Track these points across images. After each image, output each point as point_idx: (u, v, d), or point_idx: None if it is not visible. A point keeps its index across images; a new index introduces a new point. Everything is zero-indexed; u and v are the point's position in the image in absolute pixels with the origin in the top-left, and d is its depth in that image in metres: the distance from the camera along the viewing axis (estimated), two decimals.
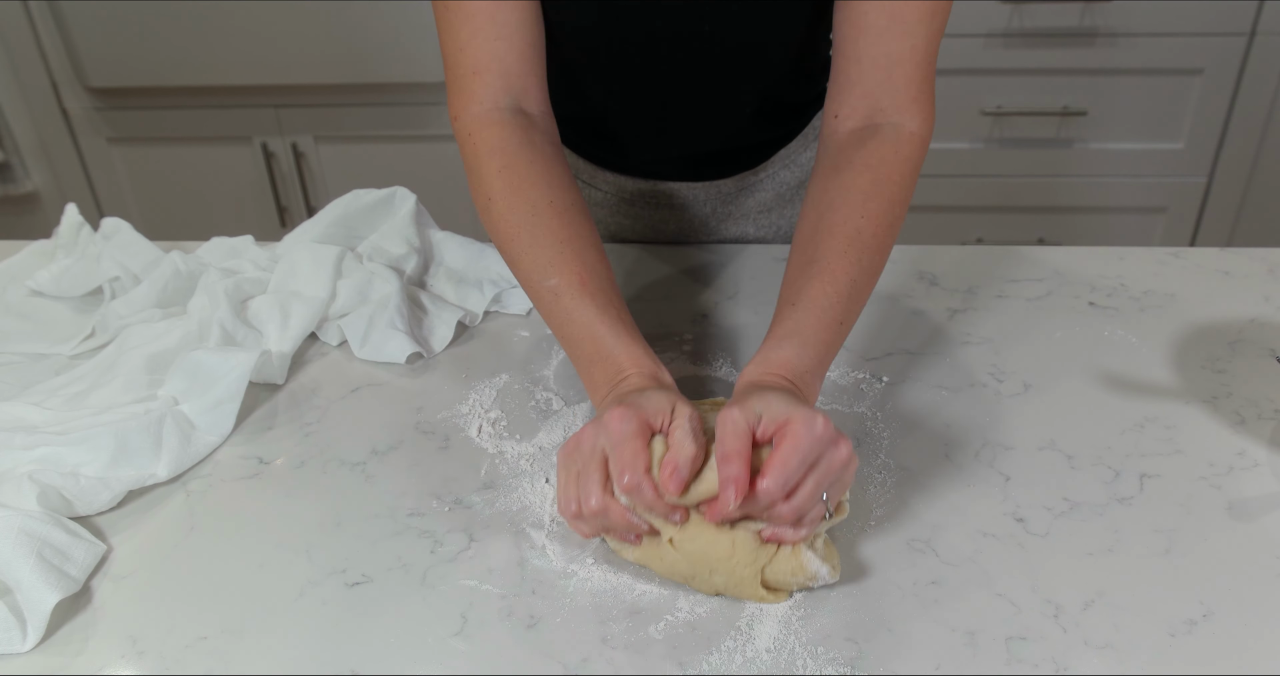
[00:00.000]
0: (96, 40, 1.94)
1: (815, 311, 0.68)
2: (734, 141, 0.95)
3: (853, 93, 0.76)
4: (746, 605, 0.60)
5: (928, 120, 0.76)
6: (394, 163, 2.08)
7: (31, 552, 0.61)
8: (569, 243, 0.71)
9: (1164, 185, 2.02)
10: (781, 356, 0.65)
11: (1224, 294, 0.90)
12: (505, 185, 0.74)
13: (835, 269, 0.69)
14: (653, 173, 0.98)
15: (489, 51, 0.76)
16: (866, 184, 0.72)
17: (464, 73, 0.77)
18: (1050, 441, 0.72)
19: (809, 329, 0.67)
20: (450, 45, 0.77)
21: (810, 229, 0.73)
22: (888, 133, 0.75)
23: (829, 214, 0.72)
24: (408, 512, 0.68)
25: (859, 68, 0.75)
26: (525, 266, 0.72)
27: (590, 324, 0.68)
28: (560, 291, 0.70)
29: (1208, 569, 0.61)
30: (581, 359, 0.69)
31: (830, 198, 0.73)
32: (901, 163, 0.74)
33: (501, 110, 0.77)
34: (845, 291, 0.69)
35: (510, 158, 0.75)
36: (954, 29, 1.86)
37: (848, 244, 0.70)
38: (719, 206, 1.01)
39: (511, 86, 0.77)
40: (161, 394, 0.77)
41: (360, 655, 0.57)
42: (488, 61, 0.76)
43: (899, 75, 0.75)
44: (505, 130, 0.76)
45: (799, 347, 0.66)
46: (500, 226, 0.74)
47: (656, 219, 1.01)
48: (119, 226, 0.96)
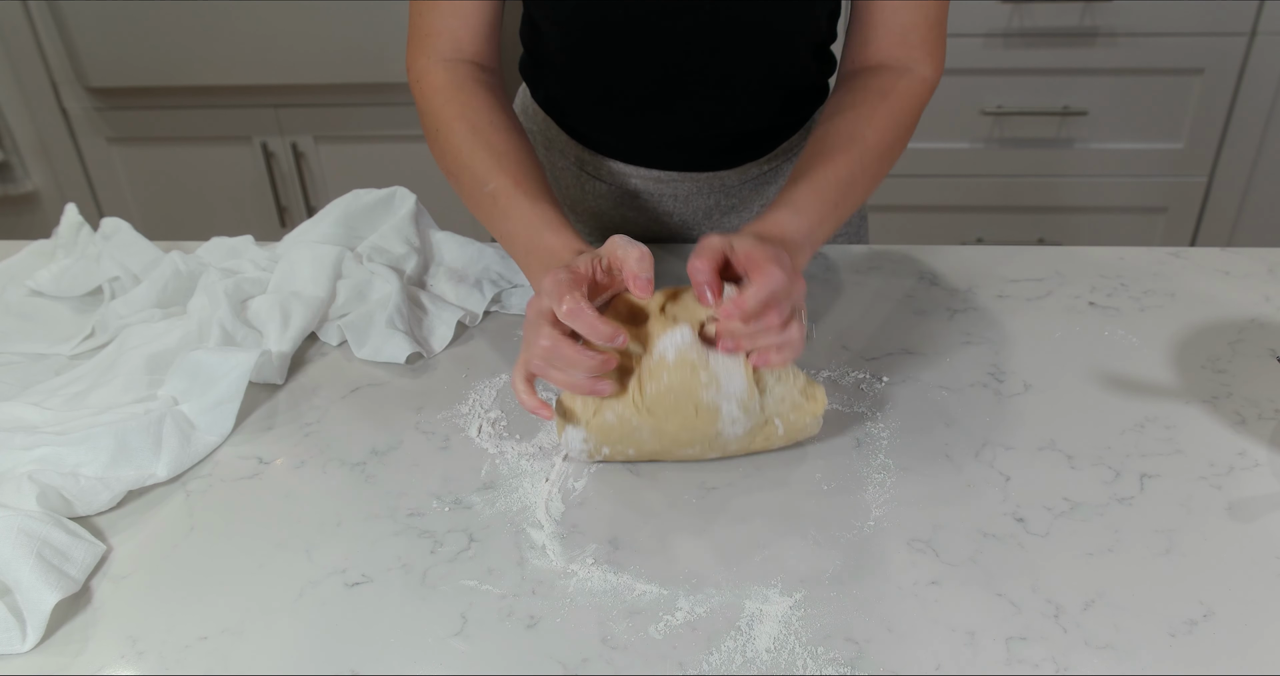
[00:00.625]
0: (96, 40, 1.94)
1: (813, 188, 0.75)
2: (737, 127, 0.95)
3: (865, 49, 0.85)
4: (746, 605, 0.60)
5: (938, 66, 0.85)
6: (394, 163, 2.08)
7: (31, 552, 0.61)
8: (506, 154, 0.79)
9: (1164, 185, 2.02)
10: (775, 218, 0.72)
11: (1224, 294, 0.90)
12: (450, 114, 0.82)
13: (836, 157, 0.77)
14: (657, 161, 0.98)
15: (443, 24, 0.85)
16: (874, 99, 0.81)
17: (420, 34, 0.86)
18: (1050, 441, 0.72)
19: (803, 201, 0.74)
20: (415, 8, 0.86)
21: (818, 131, 0.81)
22: (898, 70, 0.84)
23: (836, 119, 0.81)
24: (408, 512, 0.68)
25: (875, 33, 0.84)
26: (466, 178, 0.80)
27: (524, 217, 0.75)
28: (497, 194, 0.77)
29: (1208, 569, 0.61)
30: (519, 252, 0.76)
31: (840, 108, 0.82)
32: (909, 94, 0.83)
33: (449, 61, 0.85)
34: (844, 178, 0.76)
35: (455, 90, 0.83)
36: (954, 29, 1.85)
37: (849, 141, 0.78)
38: (723, 199, 1.01)
39: (461, 50, 0.86)
40: (161, 394, 0.77)
41: (360, 655, 0.57)
42: (440, 29, 0.85)
43: (913, 37, 0.84)
44: (451, 71, 0.84)
45: (792, 214, 0.73)
46: (446, 150, 0.82)
47: (661, 211, 1.01)
48: (119, 226, 0.96)
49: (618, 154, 0.99)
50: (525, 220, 0.75)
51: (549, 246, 0.73)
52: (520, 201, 0.75)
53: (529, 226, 0.74)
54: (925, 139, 1.99)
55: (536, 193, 0.76)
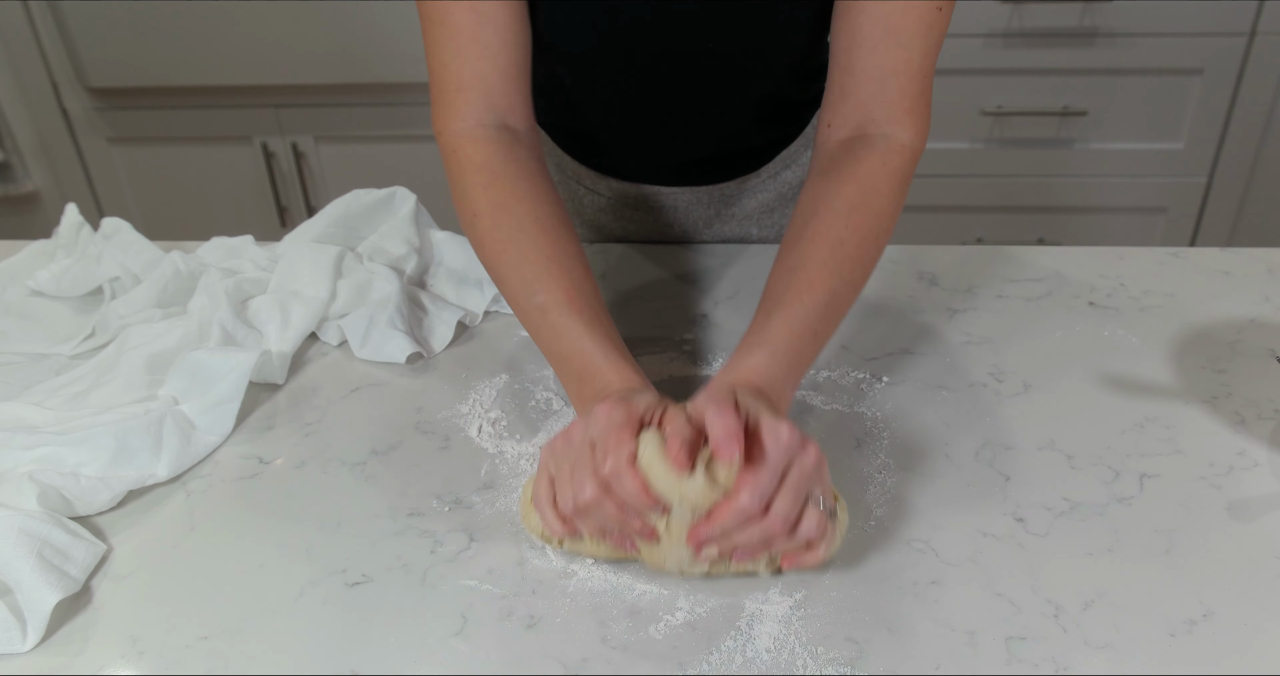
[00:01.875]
0: (96, 40, 1.94)
1: (791, 321, 0.67)
2: (735, 145, 0.95)
3: (845, 103, 0.76)
4: (746, 605, 0.60)
5: (920, 132, 0.76)
6: (394, 163, 2.08)
7: (31, 552, 0.61)
8: (555, 260, 0.71)
9: (1164, 185, 2.02)
10: (751, 364, 0.65)
11: (1224, 294, 0.90)
12: (490, 202, 0.74)
13: (814, 279, 0.69)
14: (654, 178, 0.98)
15: (473, 71, 0.76)
16: (853, 194, 0.72)
17: (448, 89, 0.77)
18: (1050, 441, 0.72)
19: (781, 338, 0.66)
20: (435, 60, 0.77)
21: (794, 237, 0.72)
22: (878, 143, 0.74)
23: (813, 221, 0.72)
24: (408, 512, 0.68)
25: (853, 78, 0.75)
26: (512, 284, 0.72)
27: (577, 340, 0.68)
28: (547, 308, 0.69)
29: (1208, 569, 0.61)
30: (569, 376, 0.69)
31: (816, 206, 0.73)
32: (889, 175, 0.73)
33: (485, 126, 0.77)
34: (823, 302, 0.68)
35: (495, 174, 0.75)
36: (954, 29, 1.86)
37: (829, 254, 0.70)
38: (722, 209, 1.01)
39: (495, 104, 0.77)
40: (161, 394, 0.77)
41: (360, 655, 0.57)
42: (471, 80, 0.76)
43: (892, 87, 0.74)
44: (489, 146, 0.76)
45: (769, 356, 0.65)
46: (486, 243, 0.74)
47: (660, 222, 1.01)
48: (119, 226, 0.96)
49: (616, 173, 0.99)
50: (577, 345, 0.68)
51: (604, 379, 0.66)
52: (573, 322, 0.68)
53: (582, 354, 0.67)
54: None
55: (591, 313, 0.69)
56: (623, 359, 0.67)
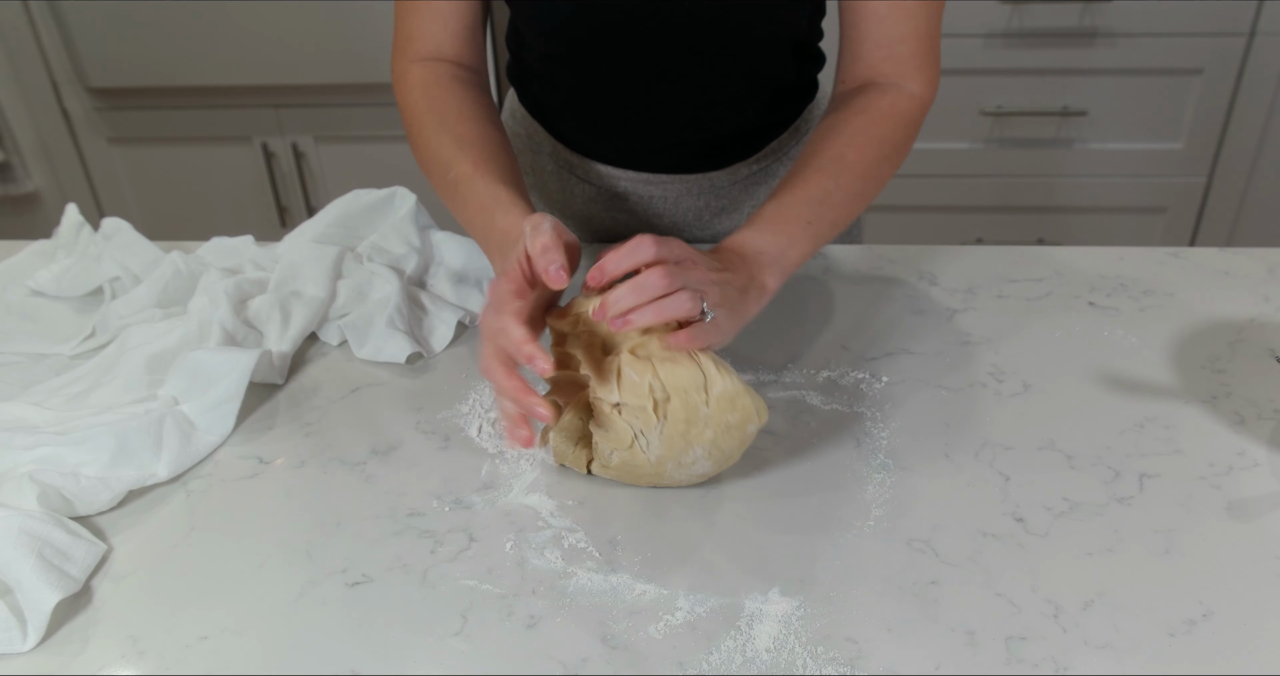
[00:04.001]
0: (96, 40, 1.94)
1: (781, 207, 0.73)
2: (725, 128, 0.95)
3: (857, 65, 0.83)
4: (746, 605, 0.60)
5: (931, 84, 0.82)
6: (394, 163, 2.08)
7: (32, 552, 0.61)
8: (470, 140, 0.79)
9: (1164, 185, 2.02)
10: (740, 237, 0.71)
11: (1224, 294, 0.90)
12: (424, 107, 0.83)
13: (809, 178, 0.75)
14: (644, 164, 0.98)
15: (423, 30, 0.86)
16: (860, 122, 0.79)
17: (402, 37, 0.87)
18: (1050, 441, 0.72)
19: (771, 219, 0.72)
20: (397, 15, 0.87)
21: (799, 160, 0.79)
22: (889, 90, 0.81)
23: (816, 142, 0.79)
24: (408, 512, 0.68)
25: (863, 47, 0.82)
26: (434, 169, 0.80)
27: (480, 200, 0.75)
28: (458, 180, 0.77)
29: (1208, 569, 0.61)
30: (478, 237, 0.76)
31: (823, 131, 0.80)
32: (898, 114, 0.80)
33: (428, 61, 0.86)
34: (816, 197, 0.74)
35: (430, 86, 0.84)
36: (954, 29, 1.86)
37: (826, 162, 0.76)
38: (713, 200, 1.01)
39: (443, 53, 0.87)
40: (162, 394, 0.77)
41: (360, 655, 0.57)
42: (420, 34, 0.86)
43: (902, 51, 0.81)
44: (428, 70, 0.85)
45: (757, 232, 0.71)
46: (417, 142, 0.83)
47: (651, 213, 1.01)
48: (119, 226, 0.96)
49: (605, 158, 0.99)
50: (480, 204, 0.75)
51: (501, 228, 0.72)
52: (476, 185, 0.75)
53: (483, 210, 0.74)
54: (925, 139, 1.99)
55: (494, 175, 0.76)
56: (516, 204, 0.73)
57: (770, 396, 0.77)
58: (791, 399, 0.77)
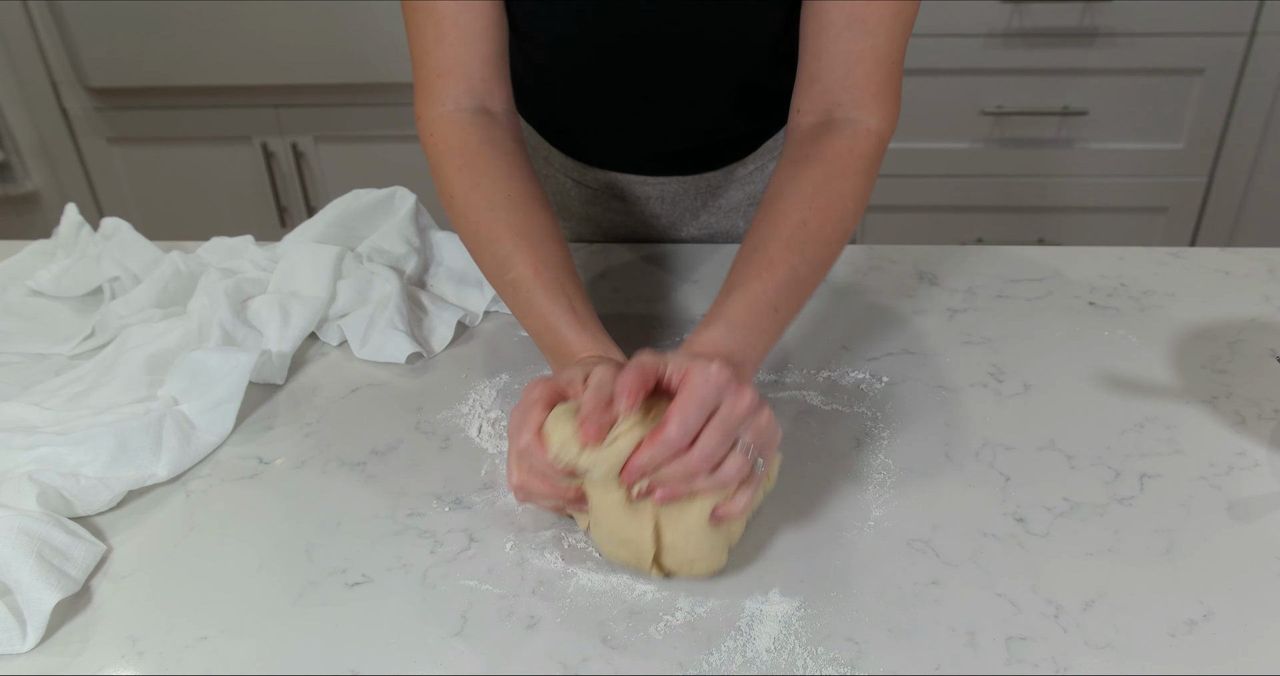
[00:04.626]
0: (96, 40, 1.94)
1: (749, 298, 0.68)
2: (718, 135, 0.95)
3: (813, 88, 0.77)
4: (746, 605, 0.60)
5: (889, 118, 0.76)
6: (394, 163, 2.08)
7: (31, 552, 0.61)
8: (524, 235, 0.73)
9: (1164, 185, 2.02)
10: (706, 337, 0.66)
11: (1224, 294, 0.90)
12: (464, 182, 0.76)
13: (775, 258, 0.70)
14: (639, 168, 0.98)
15: (453, 56, 0.78)
16: (818, 177, 0.73)
17: (428, 75, 0.79)
18: (1050, 441, 0.72)
19: (739, 313, 0.67)
20: (417, 47, 0.79)
21: (759, 218, 0.73)
22: (844, 128, 0.75)
23: (778, 203, 0.73)
24: (408, 512, 0.68)
25: (819, 64, 0.76)
26: (487, 262, 0.75)
27: (544, 314, 0.71)
28: (517, 284, 0.72)
29: (1208, 569, 0.61)
30: (544, 351, 0.72)
31: (781, 189, 0.74)
32: (856, 159, 0.74)
33: (464, 110, 0.79)
34: (783, 278, 0.69)
35: (470, 156, 0.77)
36: (954, 29, 1.86)
37: (791, 233, 0.71)
38: (709, 199, 1.01)
39: (475, 89, 0.79)
40: (161, 394, 0.77)
41: (360, 655, 0.57)
42: (451, 66, 0.78)
43: (858, 73, 0.75)
44: (466, 130, 0.78)
45: (725, 330, 0.66)
46: (461, 223, 0.77)
47: (647, 213, 1.02)
48: (119, 226, 0.96)
49: (601, 163, 0.99)
50: (545, 319, 0.70)
51: (569, 350, 0.69)
52: (539, 297, 0.71)
53: (550, 329, 0.70)
54: (925, 139, 1.99)
55: (555, 286, 0.71)
56: (585, 328, 0.69)
57: (770, 396, 0.77)
58: (791, 399, 0.77)
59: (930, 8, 1.82)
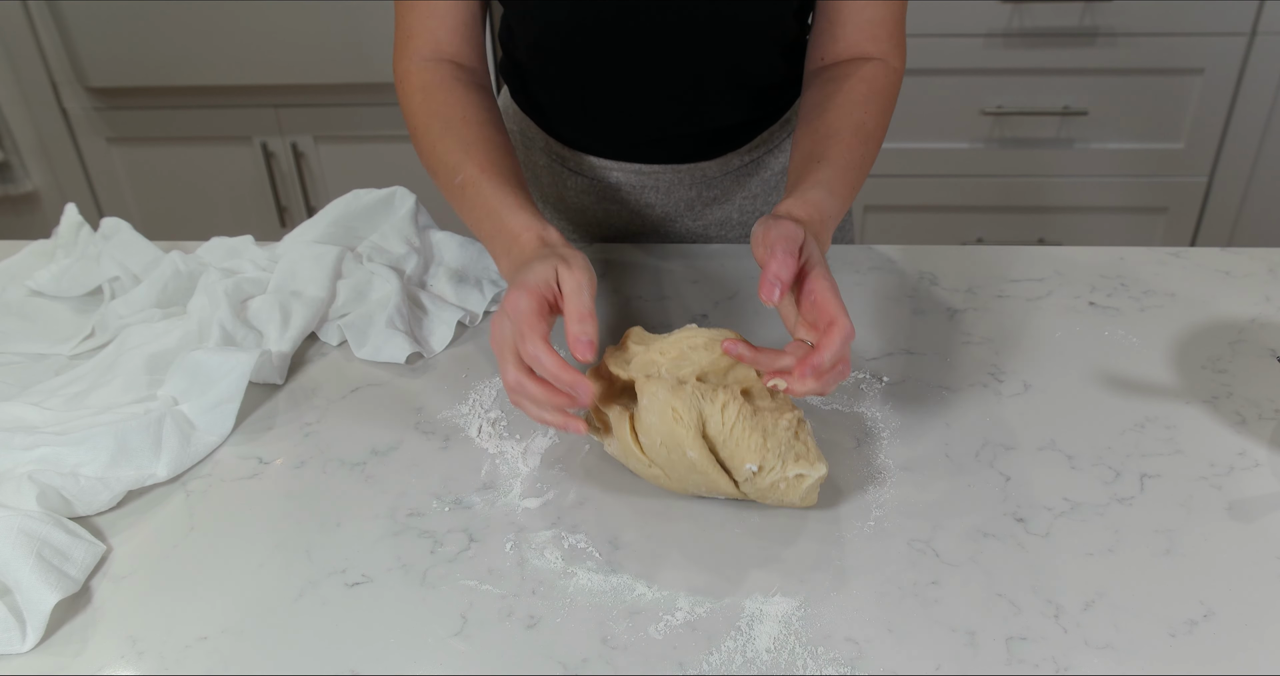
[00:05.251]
0: (96, 40, 1.94)
1: (838, 169, 0.77)
2: (712, 121, 0.96)
3: (835, 45, 0.87)
4: (746, 605, 0.60)
5: (904, 60, 0.88)
6: (394, 163, 2.08)
7: (31, 553, 0.61)
8: (475, 144, 0.80)
9: (1164, 185, 2.02)
10: (815, 196, 0.73)
11: (1224, 294, 0.90)
12: (425, 111, 0.84)
13: (848, 142, 0.79)
14: (636, 156, 0.99)
15: (422, 25, 0.87)
16: (864, 90, 0.83)
17: (402, 36, 0.88)
18: (1050, 441, 0.72)
19: (835, 182, 0.76)
20: (397, 13, 0.88)
21: (816, 120, 0.82)
22: (875, 63, 0.86)
23: (833, 109, 0.82)
24: (408, 512, 0.68)
25: (844, 29, 0.86)
26: (440, 174, 0.81)
27: (487, 203, 0.76)
28: (465, 183, 0.78)
29: (1208, 569, 0.61)
30: (485, 238, 0.78)
31: (832, 100, 0.83)
32: (889, 84, 0.85)
33: (429, 60, 0.87)
34: (855, 162, 0.79)
35: (431, 89, 0.85)
36: (954, 29, 1.86)
37: (856, 127, 0.81)
38: (704, 191, 1.01)
39: (442, 50, 0.87)
40: (161, 394, 0.77)
41: (360, 655, 0.57)
42: (420, 30, 0.87)
43: (881, 32, 0.86)
44: (430, 71, 0.86)
45: (828, 194, 0.74)
46: (422, 146, 0.84)
47: (642, 204, 1.02)
48: (119, 226, 0.96)
49: (597, 151, 1.00)
50: (488, 206, 0.76)
51: (509, 230, 0.74)
52: (483, 190, 0.77)
53: (491, 215, 0.76)
54: (925, 139, 1.99)
55: (501, 178, 0.77)
56: (525, 208, 0.75)
57: None
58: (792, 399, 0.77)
59: (930, 8, 1.82)
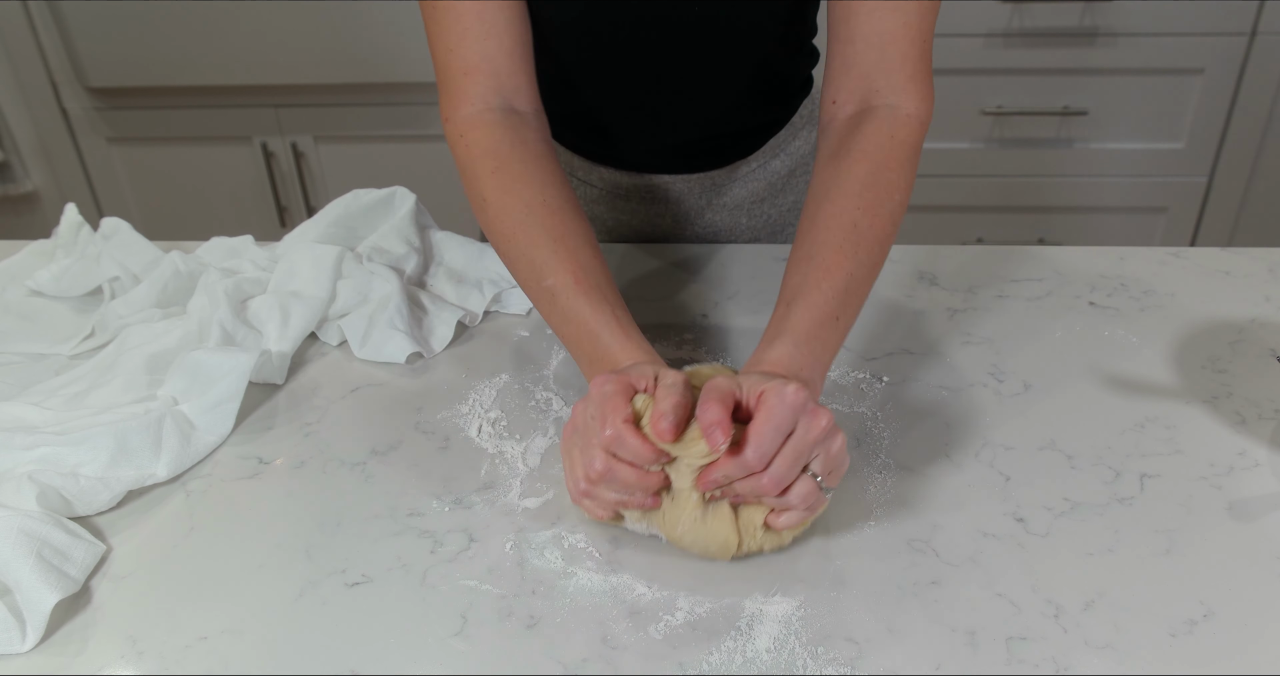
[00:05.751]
0: (96, 40, 1.94)
1: (811, 309, 0.67)
2: (725, 127, 0.95)
3: (848, 75, 0.76)
4: (746, 605, 0.60)
5: (926, 100, 0.76)
6: (394, 163, 2.08)
7: (31, 552, 0.61)
8: (563, 241, 0.72)
9: (1164, 185, 2.02)
10: (774, 355, 0.65)
11: (1224, 294, 0.90)
12: (498, 186, 0.74)
13: (831, 264, 0.68)
14: (646, 166, 0.99)
15: (478, 51, 0.76)
16: (863, 173, 0.72)
17: (454, 74, 0.77)
18: (1050, 441, 0.72)
19: (803, 327, 0.66)
20: (439, 46, 0.77)
21: (809, 223, 0.72)
22: (884, 116, 0.74)
23: (825, 206, 0.71)
24: (408, 512, 0.68)
25: (852, 48, 0.76)
26: (522, 268, 0.73)
27: (586, 322, 0.69)
28: (556, 291, 0.70)
29: (1208, 569, 0.61)
30: (581, 358, 0.70)
31: (827, 190, 0.72)
32: (898, 147, 0.73)
33: (493, 110, 0.77)
34: (841, 286, 0.68)
35: (503, 159, 0.75)
36: (954, 29, 1.86)
37: (844, 238, 0.69)
38: (713, 197, 1.01)
39: (502, 86, 0.77)
40: (161, 394, 0.77)
41: (360, 655, 0.57)
42: (477, 61, 0.77)
43: (893, 53, 0.75)
44: (497, 131, 0.76)
45: (792, 346, 0.65)
46: (495, 227, 0.75)
47: (651, 212, 1.02)
48: (119, 226, 0.96)
49: (607, 161, 0.99)
50: (586, 327, 0.69)
51: (613, 359, 0.67)
52: (581, 304, 0.69)
53: (591, 337, 0.69)
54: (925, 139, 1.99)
55: (597, 293, 0.70)
56: (629, 338, 0.68)
57: None
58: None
59: None
